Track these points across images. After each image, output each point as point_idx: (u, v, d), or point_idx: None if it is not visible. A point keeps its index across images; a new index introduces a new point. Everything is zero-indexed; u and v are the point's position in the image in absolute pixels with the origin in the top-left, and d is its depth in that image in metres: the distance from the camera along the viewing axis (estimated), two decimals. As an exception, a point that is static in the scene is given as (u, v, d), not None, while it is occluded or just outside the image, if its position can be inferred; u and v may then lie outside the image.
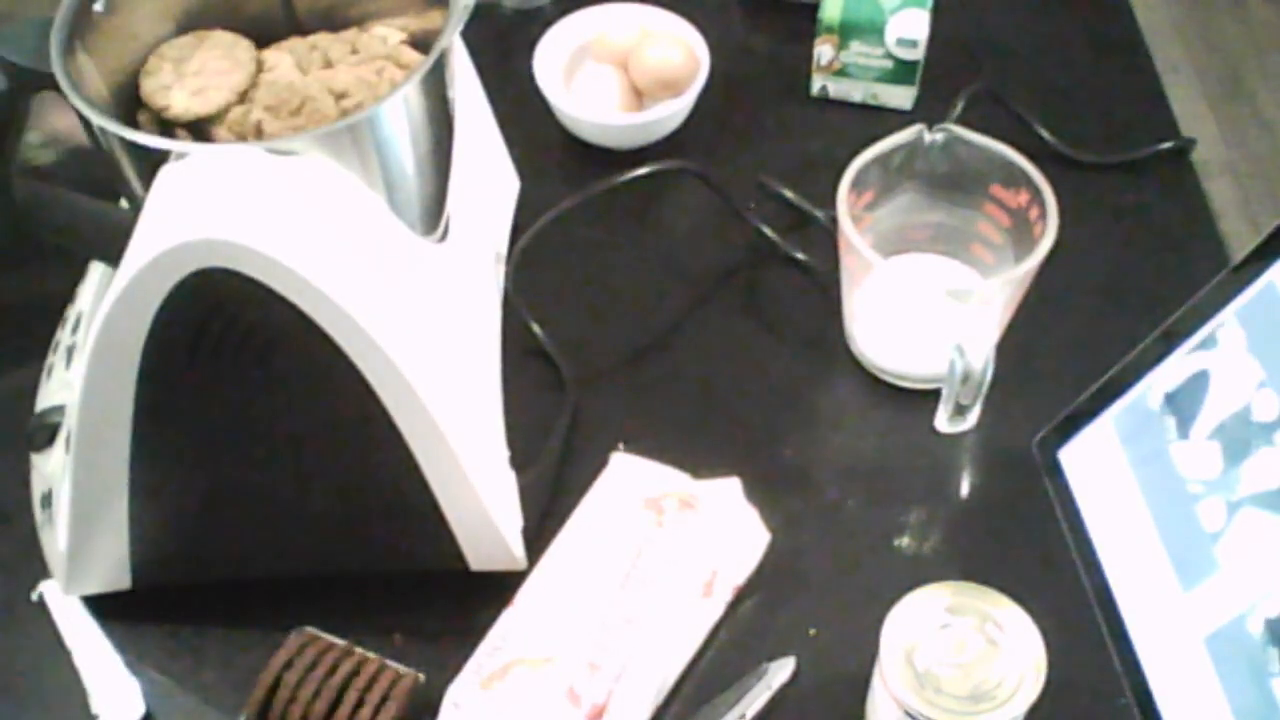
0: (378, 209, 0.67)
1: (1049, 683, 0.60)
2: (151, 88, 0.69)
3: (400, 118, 0.65)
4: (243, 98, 0.69)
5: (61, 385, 0.74)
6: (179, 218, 0.59)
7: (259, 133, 0.68)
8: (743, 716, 0.69)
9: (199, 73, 0.69)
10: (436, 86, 0.68)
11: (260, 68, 0.71)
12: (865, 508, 0.78)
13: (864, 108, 0.99)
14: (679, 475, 0.74)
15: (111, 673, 0.72)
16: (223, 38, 0.71)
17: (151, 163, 0.61)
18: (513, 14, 1.07)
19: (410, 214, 0.69)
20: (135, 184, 0.64)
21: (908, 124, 0.79)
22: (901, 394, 0.83)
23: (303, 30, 0.74)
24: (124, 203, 0.69)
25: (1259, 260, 0.56)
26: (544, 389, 0.83)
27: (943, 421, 0.79)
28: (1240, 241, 0.68)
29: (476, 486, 0.68)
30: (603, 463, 0.76)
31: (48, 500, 0.72)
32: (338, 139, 0.63)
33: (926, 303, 0.78)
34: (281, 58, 0.72)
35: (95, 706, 0.71)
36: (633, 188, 0.87)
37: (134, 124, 0.69)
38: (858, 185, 0.78)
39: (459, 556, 0.72)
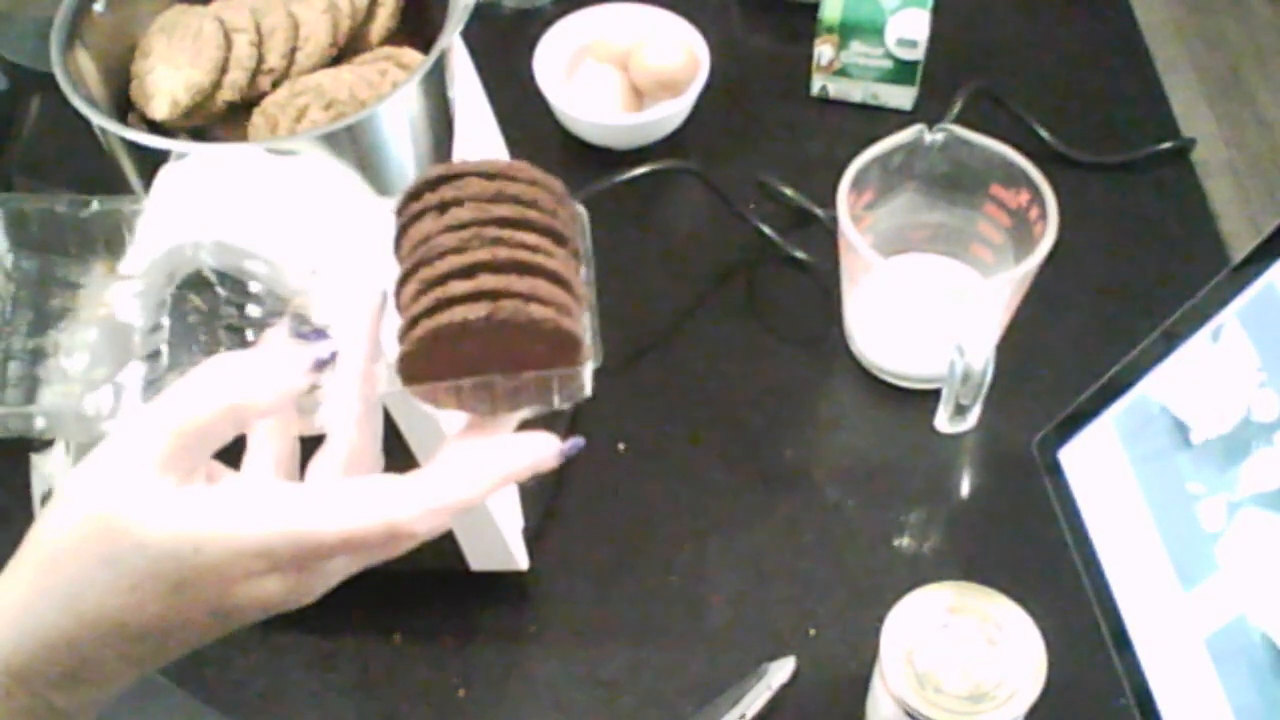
0: (378, 209, 0.66)
1: (1049, 683, 0.60)
2: (136, 90, 0.68)
3: (400, 118, 0.65)
4: (221, 71, 0.67)
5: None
6: (179, 218, 0.59)
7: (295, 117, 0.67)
8: (743, 716, 0.69)
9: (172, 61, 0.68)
10: (436, 86, 0.68)
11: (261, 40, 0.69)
12: (865, 508, 0.78)
13: (864, 108, 0.99)
14: None
15: None
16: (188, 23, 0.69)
17: (151, 163, 0.61)
18: (513, 14, 1.07)
19: (410, 214, 0.69)
20: (135, 184, 0.64)
21: (908, 124, 0.79)
22: (901, 394, 0.83)
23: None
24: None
25: (1259, 260, 0.56)
26: (544, 389, 0.83)
27: (943, 421, 0.79)
28: (1240, 241, 0.68)
29: (476, 486, 0.68)
30: (603, 462, 0.75)
31: (48, 500, 0.72)
32: (337, 139, 0.63)
33: (926, 303, 0.78)
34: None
35: None
36: (633, 188, 0.87)
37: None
38: (858, 185, 0.78)
39: (459, 556, 0.72)
